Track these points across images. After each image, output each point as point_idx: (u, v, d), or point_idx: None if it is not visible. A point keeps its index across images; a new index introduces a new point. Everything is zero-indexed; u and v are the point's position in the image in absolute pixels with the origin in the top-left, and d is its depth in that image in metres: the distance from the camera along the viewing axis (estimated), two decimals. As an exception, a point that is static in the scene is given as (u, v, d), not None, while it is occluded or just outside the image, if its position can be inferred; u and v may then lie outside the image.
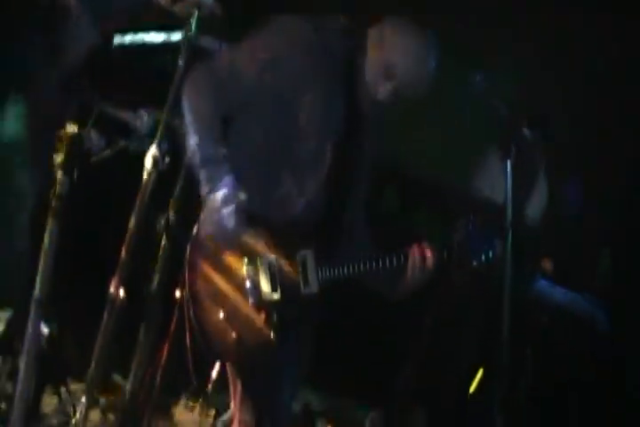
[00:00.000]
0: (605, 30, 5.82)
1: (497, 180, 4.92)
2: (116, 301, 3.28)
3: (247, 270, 2.92)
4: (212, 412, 4.63)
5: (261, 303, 2.92)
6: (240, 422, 3.09)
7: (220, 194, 2.83)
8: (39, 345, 3.86)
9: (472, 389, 4.77)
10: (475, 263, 2.93)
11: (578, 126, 5.88)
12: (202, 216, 2.92)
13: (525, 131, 2.86)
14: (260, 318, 2.91)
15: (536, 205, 5.41)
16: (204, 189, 2.89)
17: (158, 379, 3.69)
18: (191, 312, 2.93)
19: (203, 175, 2.88)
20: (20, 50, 4.08)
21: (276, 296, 2.91)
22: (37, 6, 4.03)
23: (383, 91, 2.95)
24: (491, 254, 2.92)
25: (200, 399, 4.61)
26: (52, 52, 4.09)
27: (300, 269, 2.95)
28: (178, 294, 3.02)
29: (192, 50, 3.26)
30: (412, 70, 2.92)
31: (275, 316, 2.91)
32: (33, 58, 4.10)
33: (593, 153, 6.03)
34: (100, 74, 4.12)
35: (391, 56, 2.90)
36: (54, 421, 3.64)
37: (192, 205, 3.08)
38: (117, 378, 4.43)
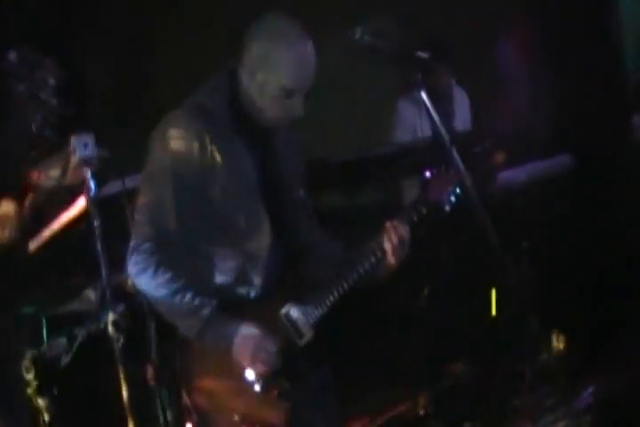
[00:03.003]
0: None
1: (414, 119, 5.19)
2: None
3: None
4: None
5: (268, 382, 2.83)
6: None
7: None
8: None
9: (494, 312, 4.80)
10: (447, 208, 2.90)
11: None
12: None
13: (421, 54, 2.73)
14: (273, 396, 2.84)
15: (462, 116, 5.47)
16: (219, 346, 2.82)
17: None
18: None
19: (209, 338, 2.81)
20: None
21: (277, 365, 2.82)
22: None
23: (296, 106, 2.83)
24: (458, 191, 2.88)
25: None
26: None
27: (289, 325, 2.88)
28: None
29: (101, 206, 3.16)
30: (305, 73, 2.80)
31: (285, 384, 2.84)
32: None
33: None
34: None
35: (281, 76, 2.77)
36: None
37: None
38: None
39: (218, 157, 2.83)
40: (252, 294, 2.90)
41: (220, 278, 2.90)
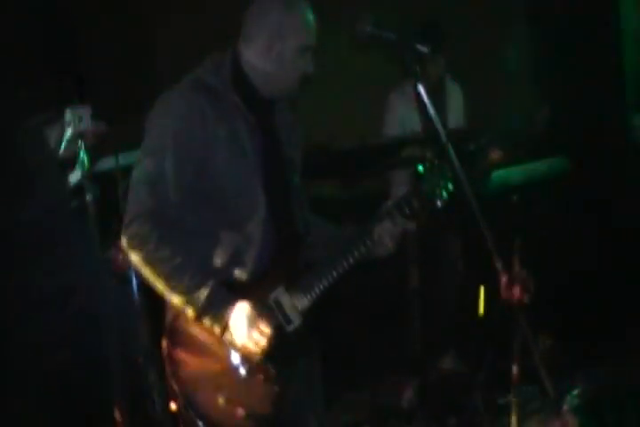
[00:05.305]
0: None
1: (404, 112, 5.06)
2: None
3: (228, 341, 2.77)
4: None
5: (255, 366, 2.80)
6: None
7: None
8: None
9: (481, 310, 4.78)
10: (439, 204, 2.90)
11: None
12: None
13: (420, 47, 2.65)
14: (258, 380, 2.81)
15: (456, 112, 5.39)
16: (219, 331, 2.76)
17: None
18: (190, 411, 2.75)
19: (208, 320, 2.74)
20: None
21: (269, 346, 2.78)
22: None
23: (309, 62, 2.87)
24: (450, 186, 2.87)
25: None
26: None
27: (278, 311, 2.85)
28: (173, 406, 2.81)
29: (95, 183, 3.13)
30: (313, 27, 2.87)
31: (271, 369, 2.81)
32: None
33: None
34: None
35: (298, 37, 2.83)
36: None
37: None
38: None
39: (219, 132, 2.79)
40: (244, 278, 2.85)
41: (214, 259, 2.85)
